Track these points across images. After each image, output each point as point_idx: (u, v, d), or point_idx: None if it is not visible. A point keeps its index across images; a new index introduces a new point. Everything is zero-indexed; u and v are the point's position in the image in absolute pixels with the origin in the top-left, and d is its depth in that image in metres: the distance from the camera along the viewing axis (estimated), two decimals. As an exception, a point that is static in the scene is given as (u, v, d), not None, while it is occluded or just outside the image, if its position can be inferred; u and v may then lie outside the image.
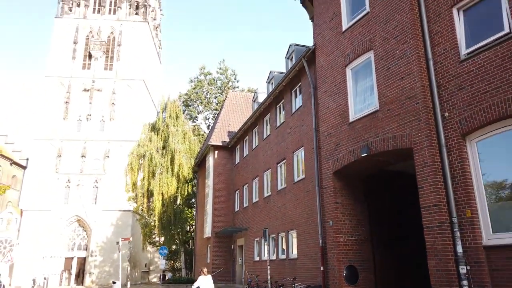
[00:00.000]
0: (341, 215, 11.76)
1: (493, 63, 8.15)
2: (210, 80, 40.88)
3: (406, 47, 9.90)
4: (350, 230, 11.79)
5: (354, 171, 11.88)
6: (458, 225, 8.40)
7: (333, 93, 12.48)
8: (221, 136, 25.13)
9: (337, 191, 11.91)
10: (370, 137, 10.68)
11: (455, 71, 8.95)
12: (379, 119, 10.48)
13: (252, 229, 20.45)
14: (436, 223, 8.62)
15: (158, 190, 26.75)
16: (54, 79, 56.47)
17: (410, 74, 9.66)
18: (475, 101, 8.43)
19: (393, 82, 10.15)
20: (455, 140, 8.75)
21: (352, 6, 12.25)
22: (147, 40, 62.91)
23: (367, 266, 11.63)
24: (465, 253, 8.21)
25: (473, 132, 8.51)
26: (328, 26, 13.14)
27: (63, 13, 60.16)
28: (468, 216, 8.30)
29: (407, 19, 9.98)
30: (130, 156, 29.39)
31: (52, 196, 50.68)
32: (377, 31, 10.93)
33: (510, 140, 8.05)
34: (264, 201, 19.27)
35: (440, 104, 9.14)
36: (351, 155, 11.29)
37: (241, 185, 23.11)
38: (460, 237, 8.32)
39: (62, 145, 53.71)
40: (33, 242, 47.77)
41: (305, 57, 14.58)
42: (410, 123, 9.51)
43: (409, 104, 9.62)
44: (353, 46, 11.80)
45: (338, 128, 12.05)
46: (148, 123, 31.71)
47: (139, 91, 58.43)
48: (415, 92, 9.46)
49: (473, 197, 8.35)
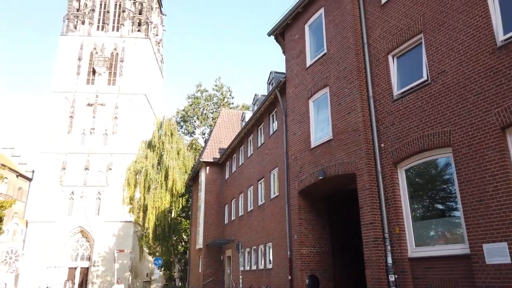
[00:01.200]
0: (305, 229, 13.34)
1: (415, 105, 9.78)
2: (206, 97, 42.80)
3: (352, 86, 11.55)
4: (312, 243, 13.36)
5: (316, 191, 13.47)
6: (389, 240, 9.95)
7: (299, 122, 14.14)
8: (212, 152, 26.80)
9: (301, 209, 13.51)
10: (326, 162, 12.30)
11: (389, 109, 10.58)
12: (332, 147, 12.11)
13: (238, 241, 22.03)
14: (372, 238, 10.18)
15: (152, 204, 28.44)
16: (59, 94, 58.65)
17: (355, 110, 11.30)
18: (402, 135, 10.04)
19: (343, 116, 11.79)
20: (388, 168, 10.34)
21: (314, 46, 13.93)
22: (148, 55, 65.06)
23: (327, 275, 13.15)
24: (394, 264, 9.75)
25: (402, 161, 10.10)
26: (295, 62, 14.84)
27: (68, 30, 62.55)
28: (397, 232, 9.86)
29: (353, 62, 11.65)
30: (128, 172, 31.16)
31: (56, 207, 52.52)
32: (332, 70, 12.60)
33: (428, 168, 9.66)
34: (247, 215, 20.87)
35: (378, 136, 10.75)
36: (311, 177, 12.90)
37: (229, 199, 24.74)
38: (390, 250, 9.87)
39: (66, 158, 55.68)
40: (38, 253, 49.49)
41: (278, 87, 16.30)
42: (354, 152, 11.12)
43: (354, 135, 11.24)
44: (314, 81, 13.48)
45: (302, 153, 13.68)
46: (145, 140, 33.55)
47: (141, 105, 60.47)
48: (358, 126, 11.09)
49: (401, 216, 9.92)
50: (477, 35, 8.51)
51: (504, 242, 7.43)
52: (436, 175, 9.49)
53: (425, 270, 9.19)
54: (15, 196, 67.59)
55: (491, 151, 7.89)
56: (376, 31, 11.39)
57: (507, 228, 7.43)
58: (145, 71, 63.12)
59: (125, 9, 65.22)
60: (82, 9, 64.45)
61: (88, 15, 64.02)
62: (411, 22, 10.24)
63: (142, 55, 63.08)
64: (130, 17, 65.13)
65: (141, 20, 65.32)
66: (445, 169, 9.14)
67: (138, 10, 65.92)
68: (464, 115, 8.51)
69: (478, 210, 7.95)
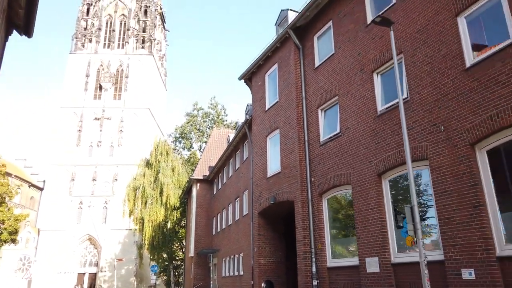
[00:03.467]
0: (263, 243, 16.46)
1: (332, 151, 12.90)
2: (202, 114, 46.18)
3: (293, 131, 14.69)
4: (269, 254, 16.47)
5: (272, 212, 16.58)
6: (314, 253, 13.05)
7: (259, 154, 17.29)
8: (203, 170, 30.01)
9: (260, 226, 16.65)
10: (276, 190, 15.43)
11: (318, 152, 13.70)
12: (280, 178, 15.24)
13: (221, 250, 25.21)
14: (302, 252, 13.29)
15: (149, 218, 31.74)
16: (68, 109, 62.34)
17: (294, 151, 14.44)
18: (325, 173, 13.15)
19: (287, 154, 14.93)
20: (316, 197, 13.45)
21: (271, 94, 17.08)
22: (152, 71, 68.65)
23: (281, 280, 16.22)
24: (317, 272, 12.84)
25: (325, 193, 13.20)
26: (258, 104, 18.02)
27: (76, 49, 66.35)
28: (319, 248, 12.96)
29: (294, 112, 14.79)
30: (127, 189, 34.54)
31: (66, 216, 56.07)
32: (281, 116, 15.75)
33: (339, 199, 12.76)
34: (228, 228, 24.03)
35: (310, 172, 13.87)
36: (267, 201, 16.04)
37: (216, 213, 27.92)
38: (315, 262, 12.96)
39: (75, 170, 59.29)
40: (49, 259, 52.97)
41: (247, 123, 19.52)
42: (293, 184, 14.25)
43: (293, 171, 14.37)
44: (270, 123, 16.64)
45: (261, 181, 16.83)
46: (144, 159, 36.89)
47: (145, 119, 63.98)
48: (296, 163, 14.23)
49: (323, 235, 13.01)
50: (366, 104, 11.63)
51: (376, 257, 10.51)
52: (345, 205, 12.59)
53: (336, 277, 12.29)
54: (28, 205, 71.52)
55: (372, 190, 10.99)
56: (311, 88, 14.54)
57: (378, 247, 10.51)
58: (149, 86, 66.63)
59: (129, 28, 68.87)
60: (90, 28, 68.22)
61: (95, 33, 67.76)
62: (331, 86, 13.38)
63: (145, 71, 66.62)
64: (134, 35, 68.75)
65: (144, 37, 68.92)
66: (349, 201, 12.23)
67: (142, 28, 69.58)
68: (358, 163, 11.62)
69: (364, 233, 11.05)
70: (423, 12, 10.08)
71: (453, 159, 8.72)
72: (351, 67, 12.50)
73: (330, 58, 13.63)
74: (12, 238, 31.06)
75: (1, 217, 28.85)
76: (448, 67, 9.18)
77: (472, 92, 8.52)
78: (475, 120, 8.36)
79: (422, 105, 9.75)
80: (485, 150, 8.32)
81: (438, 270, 8.73)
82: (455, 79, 8.95)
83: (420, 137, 9.65)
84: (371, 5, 12.25)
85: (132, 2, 71.20)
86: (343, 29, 13.14)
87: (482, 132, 8.18)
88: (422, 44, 10.00)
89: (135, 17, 70.20)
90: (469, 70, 8.65)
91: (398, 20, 10.78)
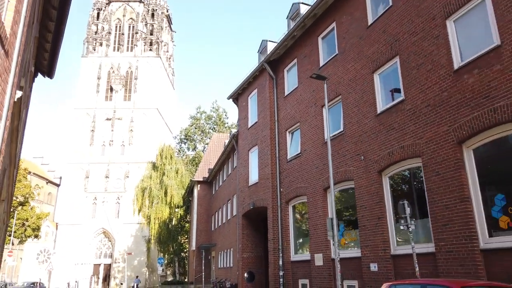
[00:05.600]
0: (246, 240, 19.66)
1: (295, 167, 15.94)
2: (205, 117, 49.46)
3: (268, 149, 17.75)
4: (251, 250, 19.68)
5: (253, 215, 19.72)
6: (281, 250, 16.18)
7: (243, 166, 20.42)
8: (203, 172, 33.28)
9: (244, 226, 19.84)
10: (255, 197, 18.57)
11: (285, 167, 16.76)
12: (258, 187, 18.36)
13: (218, 245, 28.53)
14: (272, 248, 16.44)
15: (155, 216, 35.26)
16: (82, 110, 66.01)
17: (268, 165, 17.52)
18: (290, 185, 16.22)
19: (263, 168, 18.02)
20: (284, 204, 16.54)
21: (252, 114, 20.13)
22: (160, 72, 71.90)
23: (260, 271, 19.39)
24: (283, 264, 15.97)
25: (290, 200, 16.28)
26: (243, 122, 21.09)
27: (88, 52, 69.82)
28: (286, 245, 16.09)
29: (268, 132, 17.84)
30: (136, 189, 38.08)
31: (81, 211, 60.04)
32: (259, 135, 18.82)
33: (300, 206, 15.83)
34: (223, 225, 27.33)
35: (279, 184, 16.95)
36: (248, 206, 19.19)
37: (214, 211, 31.25)
38: (281, 256, 16.09)
39: (89, 168, 63.12)
40: (67, 251, 57.03)
41: (234, 138, 22.65)
42: (267, 193, 17.36)
43: (267, 182, 17.47)
44: (251, 140, 19.72)
45: (244, 188, 19.97)
46: (151, 162, 40.31)
47: (153, 118, 67.41)
48: (269, 176, 17.32)
49: (289, 235, 16.12)
50: (318, 132, 14.64)
51: (321, 253, 13.60)
52: (304, 212, 15.67)
53: (296, 268, 15.43)
54: (46, 201, 76.14)
55: (319, 201, 14.05)
56: (282, 113, 17.56)
57: (322, 245, 13.60)
58: (157, 87, 69.93)
59: (138, 31, 72.07)
60: (100, 32, 71.59)
61: (105, 37, 71.14)
62: (295, 114, 16.39)
63: (153, 72, 69.90)
64: (142, 38, 71.94)
65: (152, 40, 72.06)
66: (305, 208, 15.30)
67: (149, 31, 72.70)
68: (311, 178, 14.67)
69: (314, 235, 14.14)
70: (354, 65, 13.03)
71: (368, 181, 11.74)
72: (308, 100, 15.48)
73: (295, 90, 16.63)
74: (35, 234, 34.77)
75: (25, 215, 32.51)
76: (367, 111, 12.15)
77: (379, 133, 11.50)
78: (381, 154, 11.35)
79: (351, 138, 12.75)
80: (387, 176, 11.31)
81: (358, 264, 11.80)
82: (371, 121, 11.93)
83: (350, 162, 12.67)
84: (322, 51, 15.18)
85: (140, 6, 74.34)
86: (304, 68, 16.11)
87: (385, 163, 11.17)
88: (352, 90, 12.96)
89: (142, 20, 73.34)
90: (379, 116, 11.63)
91: (339, 69, 13.75)
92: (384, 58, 11.58)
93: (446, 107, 9.24)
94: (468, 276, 8.20)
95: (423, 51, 10.09)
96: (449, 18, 9.45)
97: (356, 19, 13.16)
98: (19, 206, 33.23)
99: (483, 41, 8.55)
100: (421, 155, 9.85)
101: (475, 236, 8.30)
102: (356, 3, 13.24)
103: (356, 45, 12.97)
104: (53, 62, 13.58)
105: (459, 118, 8.88)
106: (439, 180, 9.21)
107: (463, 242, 8.46)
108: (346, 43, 13.55)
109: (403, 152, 10.48)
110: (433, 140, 9.51)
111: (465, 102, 8.76)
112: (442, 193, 9.10)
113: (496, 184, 8.36)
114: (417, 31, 10.39)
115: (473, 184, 8.58)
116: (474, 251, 8.21)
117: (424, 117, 9.86)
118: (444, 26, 9.52)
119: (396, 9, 11.28)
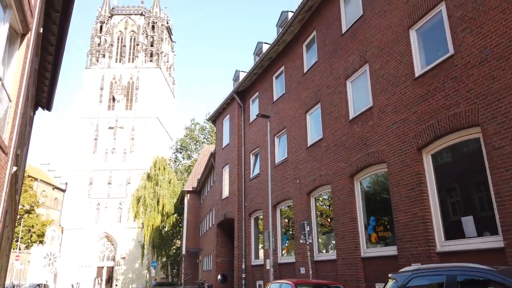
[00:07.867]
0: (219, 247, 22.54)
1: (256, 185, 18.79)
2: (199, 128, 52.51)
3: (235, 168, 20.62)
4: (224, 255, 22.54)
5: (226, 225, 22.58)
6: (244, 256, 19.03)
7: (219, 181, 23.30)
8: (193, 182, 36.23)
9: (218, 234, 22.72)
10: (226, 209, 21.43)
11: (249, 185, 19.62)
12: (228, 201, 21.24)
13: (203, 250, 31.43)
14: (237, 254, 19.29)
15: (147, 223, 38.31)
16: (85, 120, 69.28)
17: (235, 182, 20.39)
18: (252, 200, 19.06)
19: (232, 184, 20.89)
20: (247, 216, 19.39)
21: (226, 136, 23.01)
22: (160, 82, 75.07)
23: (232, 274, 22.24)
24: (245, 268, 18.82)
25: (252, 213, 19.13)
26: (219, 142, 23.97)
27: (91, 64, 73.17)
28: (248, 252, 18.93)
29: (236, 154, 20.71)
30: (132, 198, 41.20)
31: (85, 216, 63.21)
32: (230, 155, 21.70)
33: (259, 219, 18.66)
34: (206, 232, 30.24)
35: (244, 199, 19.81)
36: (221, 217, 22.07)
37: (202, 219, 34.18)
38: (244, 261, 18.94)
39: (92, 175, 66.34)
40: (72, 255, 60.20)
41: (213, 156, 25.56)
42: (234, 206, 20.22)
43: (234, 197, 20.34)
44: (224, 159, 22.60)
45: (219, 201, 22.85)
46: (145, 172, 43.35)
47: (154, 127, 70.56)
48: (235, 192, 20.19)
49: (251, 243, 18.97)
50: (271, 157, 17.47)
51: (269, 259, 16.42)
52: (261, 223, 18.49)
53: (255, 272, 18.27)
54: (52, 206, 79.55)
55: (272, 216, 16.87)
56: (247, 138, 20.43)
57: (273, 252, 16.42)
58: (157, 96, 73.10)
59: (139, 43, 75.34)
60: (103, 44, 74.94)
61: (108, 49, 74.47)
62: (256, 140, 19.25)
63: (154, 83, 73.09)
64: (143, 49, 75.18)
65: (152, 51, 75.31)
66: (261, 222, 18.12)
67: (150, 42, 75.93)
68: (265, 195, 17.49)
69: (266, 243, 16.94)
70: (294, 105, 15.86)
71: (301, 200, 14.56)
72: (264, 129, 18.32)
73: (256, 119, 19.48)
74: (40, 240, 37.90)
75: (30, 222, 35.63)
76: (302, 143, 14.98)
77: (308, 163, 14.32)
78: (308, 179, 14.17)
79: (292, 164, 15.58)
80: (314, 197, 14.13)
81: (293, 268, 14.60)
82: (304, 152, 14.76)
83: (290, 184, 15.50)
84: (275, 89, 18.05)
85: (141, 19, 77.62)
86: (263, 101, 18.98)
87: (311, 187, 13.98)
88: (293, 125, 15.80)
89: (143, 32, 76.57)
90: (308, 149, 14.46)
91: (285, 106, 16.59)
92: (312, 102, 14.42)
93: (344, 148, 12.07)
94: (352, 277, 11.02)
95: (333, 102, 12.93)
96: (348, 79, 12.29)
97: (296, 67, 16.01)
98: (25, 214, 36.32)
99: (365, 100, 11.38)
100: (330, 183, 12.68)
101: (358, 247, 11.10)
102: (296, 53, 16.11)
103: (296, 88, 15.81)
104: (51, 97, 16.52)
105: (351, 157, 11.70)
106: (340, 203, 12.03)
107: (351, 252, 11.27)
108: (291, 85, 16.39)
109: (321, 179, 13.30)
110: (337, 172, 12.33)
111: (354, 145, 11.58)
112: (341, 213, 11.92)
113: (372, 209, 11.16)
114: (330, 85, 13.23)
115: (359, 208, 11.39)
116: (357, 259, 11.02)
117: (333, 154, 12.69)
118: (345, 85, 12.35)
119: (319, 65, 14.13)
